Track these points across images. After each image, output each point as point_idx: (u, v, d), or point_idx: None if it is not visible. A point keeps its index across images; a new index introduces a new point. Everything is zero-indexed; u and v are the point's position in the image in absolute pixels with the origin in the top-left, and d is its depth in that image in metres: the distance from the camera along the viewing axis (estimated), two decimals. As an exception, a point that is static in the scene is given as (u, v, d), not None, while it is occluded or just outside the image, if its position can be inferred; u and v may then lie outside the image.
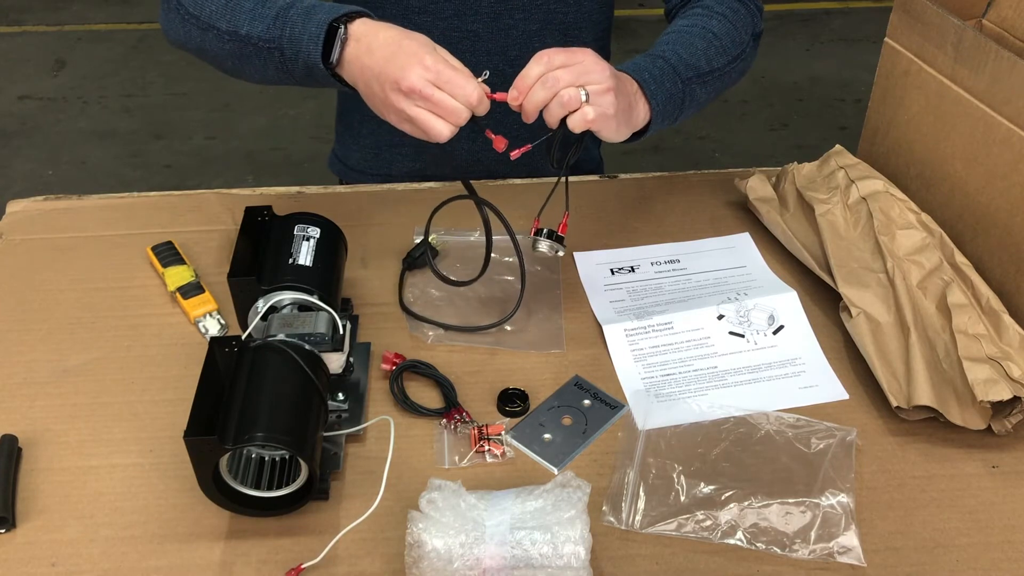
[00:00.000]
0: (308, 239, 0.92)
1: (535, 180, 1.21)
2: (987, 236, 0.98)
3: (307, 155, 2.90)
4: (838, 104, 3.20)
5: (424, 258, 1.02)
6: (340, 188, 1.22)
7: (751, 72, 1.20)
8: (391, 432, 0.83)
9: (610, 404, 0.90)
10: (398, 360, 0.92)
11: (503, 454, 0.85)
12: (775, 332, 0.98)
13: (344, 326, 0.86)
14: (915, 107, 1.06)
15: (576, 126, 0.86)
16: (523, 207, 1.15)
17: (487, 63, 1.11)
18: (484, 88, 0.85)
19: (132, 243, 1.09)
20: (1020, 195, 0.92)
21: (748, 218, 1.13)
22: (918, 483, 0.83)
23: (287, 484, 0.78)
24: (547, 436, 0.87)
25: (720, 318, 0.99)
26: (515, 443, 0.86)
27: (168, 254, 1.05)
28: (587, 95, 0.85)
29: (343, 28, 0.88)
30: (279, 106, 3.15)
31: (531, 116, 0.87)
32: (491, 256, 0.96)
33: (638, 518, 0.79)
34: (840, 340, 0.97)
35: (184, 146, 3.01)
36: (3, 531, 0.79)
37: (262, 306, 0.86)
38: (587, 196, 1.18)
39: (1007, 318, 0.90)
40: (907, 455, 0.85)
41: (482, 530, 0.71)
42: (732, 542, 0.77)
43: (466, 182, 0.95)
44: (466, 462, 0.84)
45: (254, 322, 0.86)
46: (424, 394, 0.91)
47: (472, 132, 1.20)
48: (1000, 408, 0.84)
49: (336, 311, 0.87)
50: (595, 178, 1.23)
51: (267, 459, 0.81)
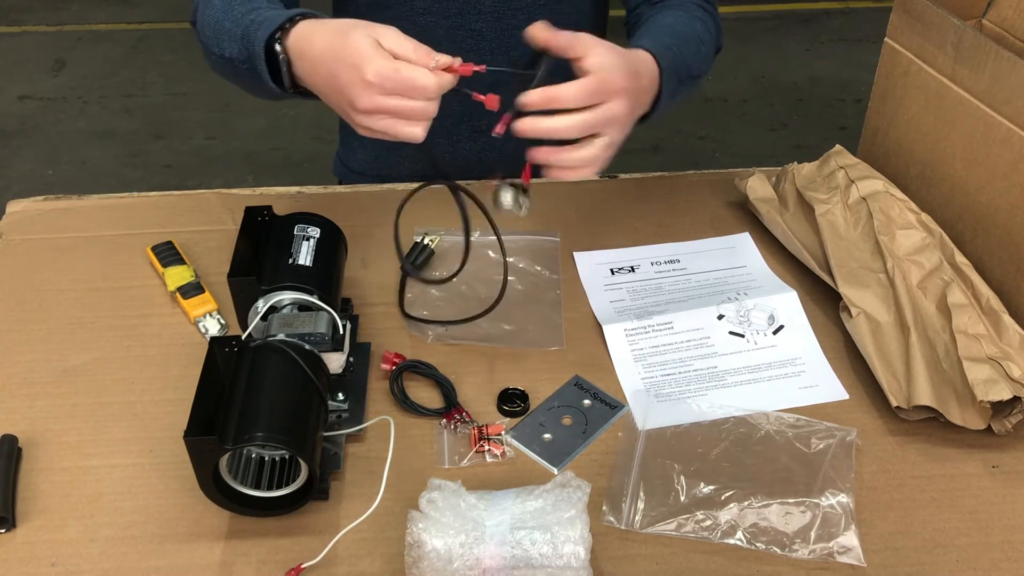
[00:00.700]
0: (308, 239, 0.92)
1: (536, 180, 1.21)
2: (987, 236, 0.98)
3: (307, 155, 2.90)
4: (838, 104, 3.20)
5: (419, 259, 1.02)
6: (340, 188, 1.22)
7: (751, 72, 1.20)
8: (391, 432, 0.83)
9: (610, 404, 0.90)
10: (398, 360, 0.92)
11: (503, 454, 0.85)
12: (775, 332, 0.98)
13: (344, 326, 0.86)
14: (915, 107, 1.06)
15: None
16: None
17: (490, 62, 1.11)
18: (442, 62, 0.80)
19: (132, 243, 1.09)
20: (1020, 195, 0.92)
21: (748, 218, 1.13)
22: (918, 483, 0.83)
23: (287, 484, 0.78)
24: (547, 436, 0.87)
25: (720, 318, 0.99)
26: (515, 443, 0.86)
27: (168, 254, 1.05)
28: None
29: (281, 48, 0.85)
30: (279, 106, 3.15)
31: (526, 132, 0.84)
32: (488, 254, 0.96)
33: (638, 518, 0.79)
34: (840, 340, 0.97)
35: (184, 146, 3.01)
36: (3, 531, 0.79)
37: (262, 306, 0.86)
38: (587, 196, 1.18)
39: (1007, 318, 0.90)
40: (907, 455, 0.85)
41: (482, 530, 0.72)
42: (732, 542, 0.77)
43: (451, 183, 0.91)
44: (466, 462, 0.84)
45: (254, 322, 0.86)
46: (424, 394, 0.91)
47: (473, 132, 1.20)
48: (1000, 408, 0.84)
49: (336, 311, 0.87)
50: (595, 178, 1.22)
51: (267, 459, 0.81)
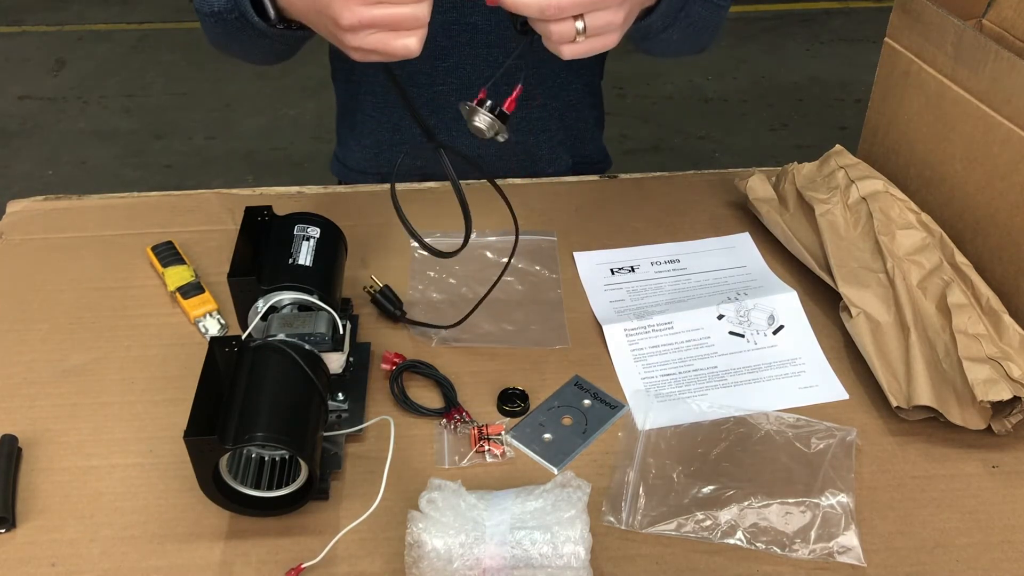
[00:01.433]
0: (308, 239, 0.92)
1: (536, 180, 1.21)
2: (987, 236, 0.98)
3: (307, 155, 2.90)
4: (838, 104, 3.20)
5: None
6: (340, 188, 1.22)
7: (751, 72, 1.20)
8: (391, 432, 0.83)
9: (610, 404, 0.90)
10: (398, 360, 0.92)
11: (503, 454, 0.85)
12: (775, 332, 0.98)
13: (344, 326, 0.86)
14: (915, 107, 1.06)
15: (567, 55, 0.79)
16: (524, 206, 1.15)
17: (486, 55, 1.11)
18: None
19: (132, 243, 1.09)
20: (1020, 195, 0.92)
21: (748, 218, 1.13)
22: (918, 483, 0.83)
23: (287, 484, 0.78)
24: (547, 436, 0.87)
25: (720, 318, 0.99)
26: (515, 443, 0.86)
27: (168, 254, 1.05)
28: (584, 27, 0.77)
29: None
30: (279, 106, 3.15)
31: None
32: (486, 255, 0.96)
33: (638, 518, 0.79)
34: (840, 340, 0.97)
35: (184, 146, 3.01)
36: (3, 531, 0.79)
37: (262, 306, 0.86)
38: (587, 196, 1.18)
39: (1007, 318, 0.90)
40: (907, 455, 0.85)
41: (482, 530, 0.72)
42: (732, 542, 0.77)
43: (429, 131, 0.87)
44: (466, 462, 0.84)
45: (254, 322, 0.86)
46: (424, 394, 0.91)
47: (469, 92, 1.20)
48: (1000, 408, 0.84)
49: (336, 311, 0.87)
50: (595, 178, 1.22)
51: (267, 459, 0.81)
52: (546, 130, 1.20)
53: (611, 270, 1.06)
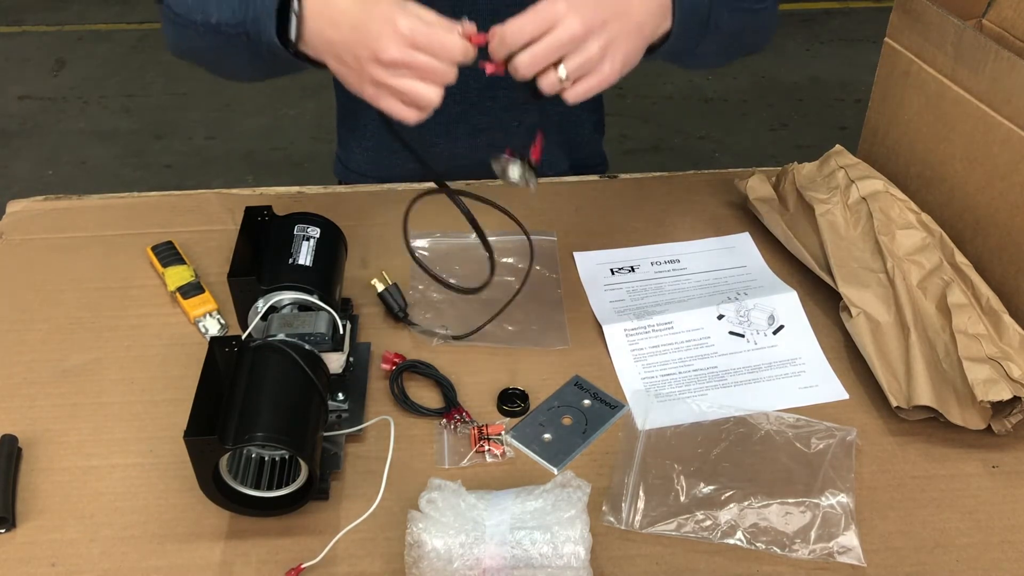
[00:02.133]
0: (308, 239, 0.92)
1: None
2: (987, 236, 0.98)
3: (307, 155, 2.90)
4: (838, 104, 3.20)
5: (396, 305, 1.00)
6: (340, 188, 1.22)
7: (751, 72, 1.20)
8: (391, 432, 0.83)
9: (610, 404, 0.90)
10: (398, 360, 0.92)
11: (503, 454, 0.85)
12: (775, 332, 0.98)
13: (344, 326, 0.86)
14: (915, 107, 1.06)
15: (571, 100, 0.81)
16: (524, 206, 1.15)
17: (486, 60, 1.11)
18: (467, 29, 0.79)
19: (132, 243, 1.09)
20: (1020, 195, 0.92)
21: (748, 218, 1.13)
22: (918, 483, 0.83)
23: (287, 484, 0.78)
24: (547, 436, 0.87)
25: (720, 318, 0.99)
26: (515, 443, 0.86)
27: (168, 254, 1.05)
28: (565, 73, 0.78)
29: (296, 1, 0.82)
30: (279, 106, 3.15)
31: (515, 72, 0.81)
32: (487, 256, 0.95)
33: (638, 518, 0.79)
34: (840, 340, 0.97)
35: (184, 146, 3.01)
36: (3, 531, 0.79)
37: (262, 306, 0.86)
38: (587, 196, 1.18)
39: (1007, 318, 0.90)
40: (907, 455, 0.85)
41: (482, 530, 0.72)
42: (732, 542, 0.77)
43: (442, 183, 0.90)
44: (466, 462, 0.84)
45: (254, 322, 0.86)
46: (424, 394, 0.91)
47: (472, 131, 1.20)
48: (1000, 408, 0.84)
49: (336, 311, 0.87)
50: (595, 178, 1.23)
51: (267, 459, 0.81)
52: (543, 132, 1.20)
53: (611, 270, 1.06)
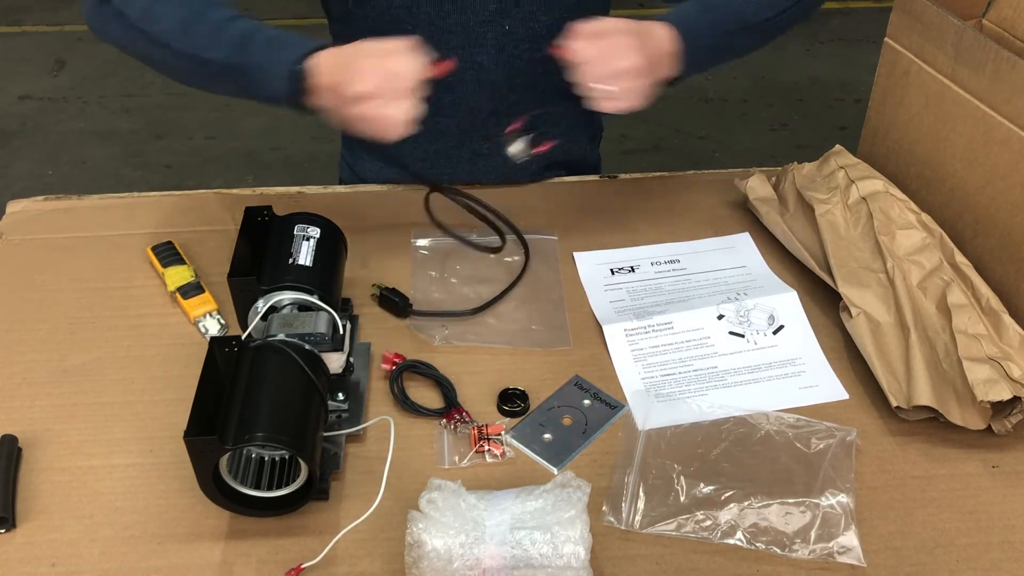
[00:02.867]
0: (308, 239, 0.92)
1: (536, 182, 1.21)
2: (987, 236, 0.98)
3: (307, 155, 2.90)
4: (838, 104, 3.20)
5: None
6: (340, 188, 1.22)
7: (751, 72, 1.21)
8: (391, 432, 0.83)
9: (610, 404, 0.90)
10: (398, 360, 0.92)
11: (503, 454, 0.85)
12: (775, 332, 0.98)
13: (344, 326, 0.86)
14: (915, 107, 1.06)
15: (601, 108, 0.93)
16: (524, 206, 1.15)
17: (491, 91, 1.12)
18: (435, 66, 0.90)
19: (132, 243, 1.09)
20: (1020, 195, 0.92)
21: (748, 218, 1.13)
22: (918, 483, 0.83)
23: (287, 484, 0.78)
24: (547, 436, 0.87)
25: (720, 318, 0.99)
26: (515, 443, 0.86)
27: (168, 254, 1.05)
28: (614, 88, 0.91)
29: (303, 68, 0.90)
30: (279, 106, 3.15)
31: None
32: (487, 255, 0.97)
33: (638, 518, 0.79)
34: (840, 340, 0.97)
35: (184, 146, 3.01)
36: (3, 531, 0.79)
37: (262, 306, 0.86)
38: (587, 196, 1.18)
39: (1007, 318, 0.90)
40: (907, 455, 0.85)
41: (482, 530, 0.72)
42: (732, 542, 0.77)
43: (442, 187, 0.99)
44: (466, 462, 0.84)
45: (254, 322, 0.86)
46: (424, 394, 0.91)
47: (473, 155, 1.20)
48: (1000, 408, 0.84)
49: (336, 311, 0.87)
50: (595, 178, 1.23)
51: (267, 459, 0.81)
52: (545, 158, 1.21)
53: (611, 270, 1.06)
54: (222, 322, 0.98)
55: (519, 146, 0.98)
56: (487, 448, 0.85)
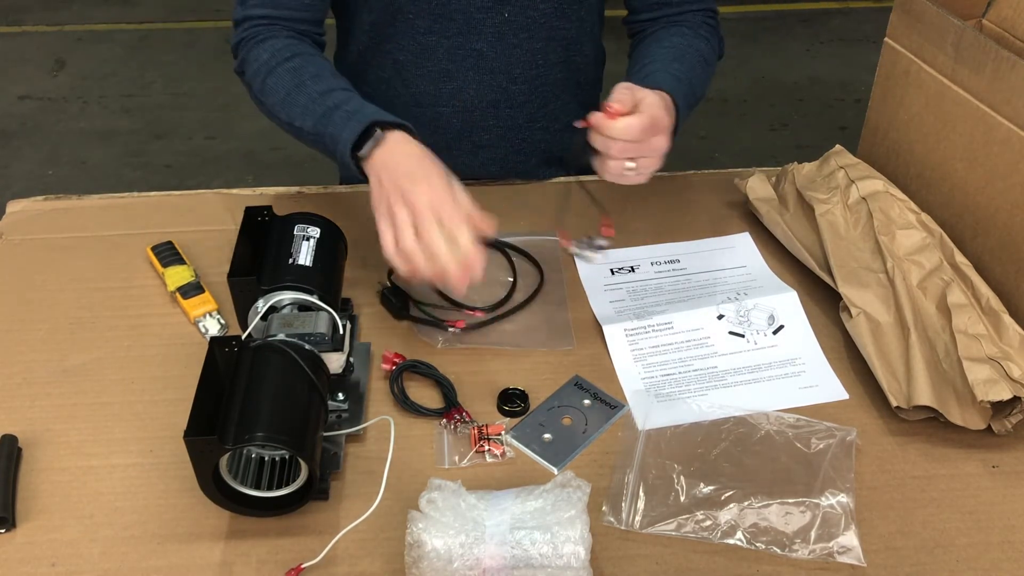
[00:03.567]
0: (308, 239, 0.92)
1: (536, 182, 1.21)
2: (987, 236, 0.98)
3: (307, 155, 2.88)
4: (838, 104, 3.20)
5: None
6: (340, 188, 1.22)
7: (751, 72, 1.22)
8: (391, 432, 0.83)
9: (610, 404, 0.90)
10: (398, 360, 0.92)
11: (503, 454, 0.85)
12: (775, 332, 0.98)
13: (344, 326, 0.86)
14: (915, 107, 1.06)
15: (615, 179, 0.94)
16: (524, 206, 1.16)
17: (490, 80, 1.12)
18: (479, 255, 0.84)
19: (132, 243, 1.09)
20: (1020, 195, 0.92)
21: (748, 218, 1.13)
22: (918, 483, 0.83)
23: (287, 484, 0.78)
24: (547, 436, 0.87)
25: (720, 318, 0.99)
26: (515, 443, 0.86)
27: (168, 254, 1.05)
28: (635, 166, 0.92)
29: (380, 131, 0.92)
30: (279, 106, 3.14)
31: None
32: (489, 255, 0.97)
33: (638, 518, 0.79)
34: (840, 340, 0.97)
35: (184, 146, 3.01)
36: (3, 531, 0.79)
37: (262, 306, 0.86)
38: (587, 196, 1.18)
39: (1007, 318, 0.90)
40: (907, 455, 0.85)
41: (482, 530, 0.71)
42: (732, 542, 0.77)
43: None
44: (466, 462, 0.84)
45: (254, 322, 0.86)
46: (424, 394, 0.91)
47: (473, 147, 1.20)
48: (1000, 408, 0.84)
49: (336, 311, 0.87)
50: (595, 178, 1.22)
51: (267, 459, 0.81)
52: (545, 150, 1.21)
53: (611, 270, 1.06)
54: (222, 322, 0.98)
55: (584, 249, 1.00)
56: (487, 448, 0.85)
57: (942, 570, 0.76)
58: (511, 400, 0.90)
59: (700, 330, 0.98)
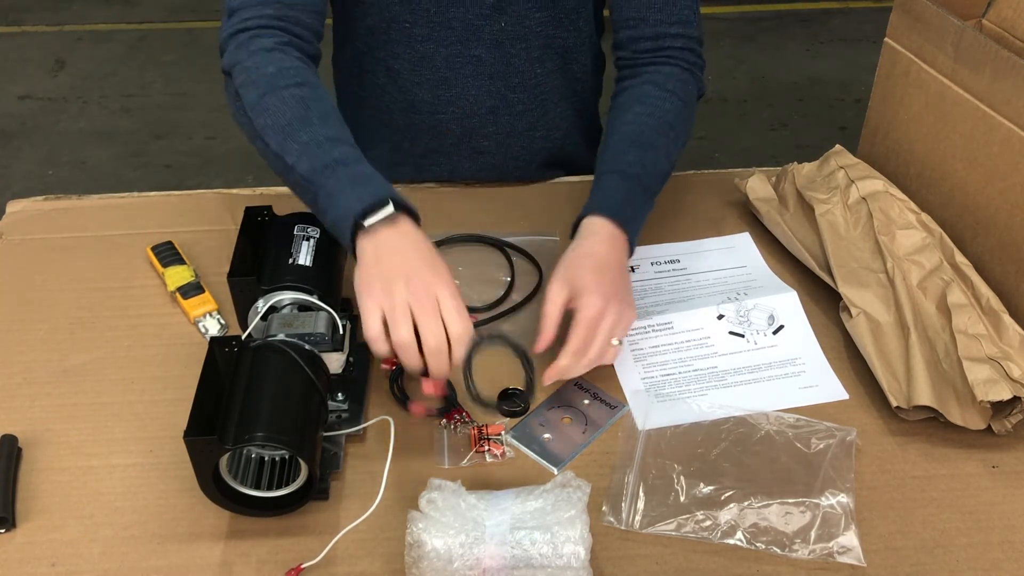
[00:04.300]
0: (308, 239, 0.92)
1: (536, 183, 1.21)
2: (987, 236, 0.98)
3: (307, 155, 2.89)
4: (838, 104, 3.20)
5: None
6: (340, 188, 1.21)
7: (751, 72, 1.21)
8: (391, 432, 0.83)
9: (610, 404, 0.90)
10: (398, 360, 0.92)
11: (503, 454, 0.85)
12: (775, 332, 0.98)
13: (344, 326, 0.86)
14: (915, 107, 1.05)
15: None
16: (524, 206, 1.16)
17: (488, 86, 1.12)
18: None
19: (132, 243, 1.09)
20: (1020, 195, 0.92)
21: (748, 218, 1.13)
22: (918, 483, 0.83)
23: (287, 484, 0.78)
24: (547, 436, 0.87)
25: (720, 318, 0.99)
26: (515, 443, 0.86)
27: (168, 254, 1.05)
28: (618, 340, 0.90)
29: (394, 211, 0.83)
30: (279, 106, 3.14)
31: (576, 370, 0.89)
32: (489, 255, 0.96)
33: (638, 518, 0.79)
34: (840, 340, 0.97)
35: (184, 146, 3.01)
36: (3, 531, 0.79)
37: (262, 306, 0.86)
38: (587, 196, 1.18)
39: (1007, 318, 0.90)
40: (907, 455, 0.85)
41: (482, 530, 0.72)
42: (732, 542, 0.77)
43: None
44: (466, 462, 0.84)
45: (254, 322, 0.86)
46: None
47: (472, 153, 1.20)
48: (1000, 408, 0.84)
49: (336, 311, 0.87)
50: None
51: (267, 459, 0.81)
52: (545, 156, 1.21)
53: (611, 270, 1.06)
54: (222, 322, 0.98)
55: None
56: (487, 448, 0.85)
57: (942, 570, 0.76)
58: (511, 400, 0.90)
59: (700, 330, 0.98)
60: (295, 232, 0.92)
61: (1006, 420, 0.84)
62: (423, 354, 0.79)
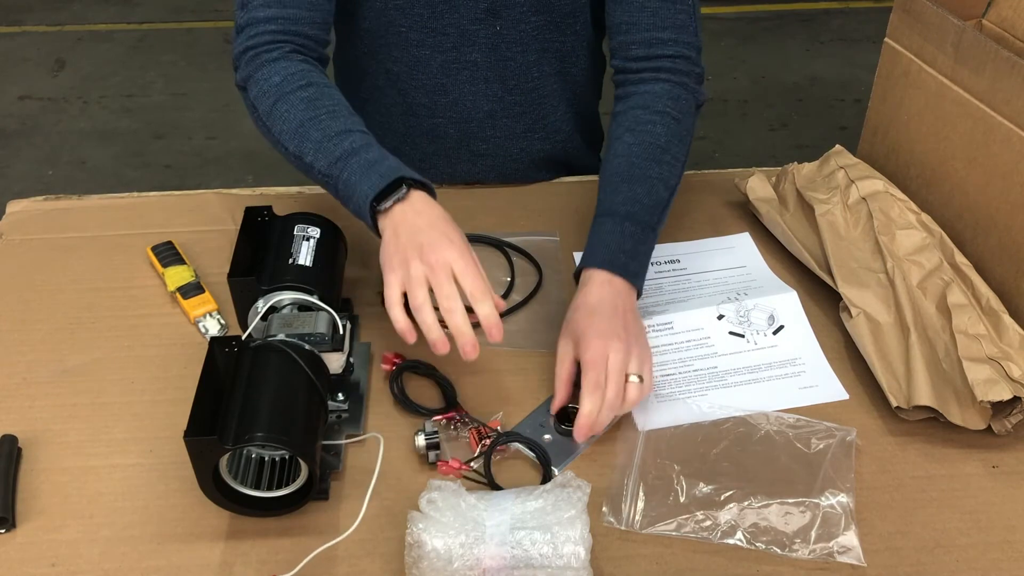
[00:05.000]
0: (308, 239, 0.92)
1: (536, 182, 1.21)
2: (987, 236, 0.98)
3: (307, 155, 2.89)
4: (838, 104, 3.20)
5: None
6: (340, 188, 1.22)
7: (751, 72, 1.20)
8: (379, 448, 0.83)
9: (610, 404, 0.90)
10: (398, 360, 0.92)
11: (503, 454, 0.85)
12: (775, 332, 0.98)
13: (344, 326, 0.86)
14: (915, 107, 1.06)
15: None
16: (524, 207, 1.16)
17: (485, 90, 1.12)
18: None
19: (132, 243, 1.09)
20: (1020, 195, 0.92)
21: (748, 218, 1.13)
22: (918, 483, 0.83)
23: (287, 484, 0.78)
24: (547, 436, 0.87)
25: (720, 318, 0.99)
26: (515, 443, 0.86)
27: (168, 254, 1.05)
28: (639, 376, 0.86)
29: (405, 188, 0.87)
30: (279, 106, 3.14)
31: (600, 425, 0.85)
32: (489, 255, 0.96)
33: (638, 518, 0.79)
34: (840, 340, 0.97)
35: (184, 146, 3.01)
36: (3, 531, 0.79)
37: (262, 306, 0.86)
38: (587, 196, 1.18)
39: (1007, 318, 0.90)
40: (907, 455, 0.85)
41: (482, 530, 0.72)
42: (732, 542, 0.77)
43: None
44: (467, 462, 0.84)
45: (254, 322, 0.86)
46: (424, 394, 0.91)
47: (472, 155, 1.20)
48: (1000, 408, 0.84)
49: (336, 311, 0.87)
50: (595, 178, 1.22)
51: (267, 459, 0.81)
52: (544, 158, 1.21)
53: (611, 270, 1.06)
54: (222, 322, 0.98)
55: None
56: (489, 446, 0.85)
57: (942, 570, 0.76)
58: (569, 419, 0.86)
59: (700, 330, 0.98)
60: (295, 232, 0.92)
61: (1006, 420, 0.84)
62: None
